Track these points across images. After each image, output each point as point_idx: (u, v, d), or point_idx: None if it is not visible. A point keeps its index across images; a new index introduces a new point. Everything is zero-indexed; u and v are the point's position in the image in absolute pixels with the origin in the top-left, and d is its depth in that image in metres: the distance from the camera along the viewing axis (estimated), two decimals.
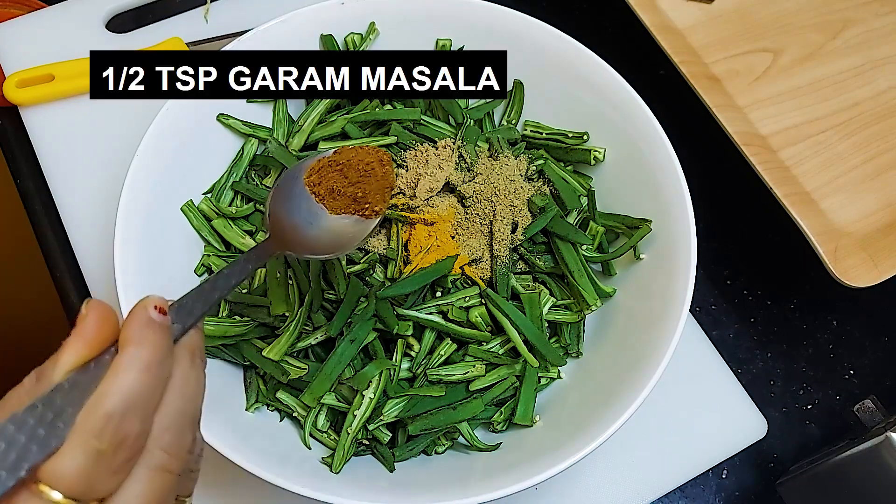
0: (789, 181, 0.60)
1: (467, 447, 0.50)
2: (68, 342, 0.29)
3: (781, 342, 0.64)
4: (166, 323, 0.31)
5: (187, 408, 0.31)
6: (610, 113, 0.55)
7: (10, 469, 0.26)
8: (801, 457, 0.59)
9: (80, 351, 0.29)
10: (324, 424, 0.50)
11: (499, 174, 0.53)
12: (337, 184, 0.46)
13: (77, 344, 0.29)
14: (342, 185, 0.46)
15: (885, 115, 0.65)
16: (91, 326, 0.29)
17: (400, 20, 0.58)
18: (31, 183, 0.63)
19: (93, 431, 0.27)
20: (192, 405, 0.32)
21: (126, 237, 0.48)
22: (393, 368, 0.50)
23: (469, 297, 0.51)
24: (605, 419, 0.45)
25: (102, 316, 0.30)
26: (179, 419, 0.31)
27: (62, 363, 0.29)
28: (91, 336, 0.29)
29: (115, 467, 0.28)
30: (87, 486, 0.27)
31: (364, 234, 0.46)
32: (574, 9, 0.77)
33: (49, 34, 0.68)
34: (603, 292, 0.53)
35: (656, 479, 0.56)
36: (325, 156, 0.47)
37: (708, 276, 0.66)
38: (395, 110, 0.58)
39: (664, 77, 0.70)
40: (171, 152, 0.52)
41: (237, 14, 0.70)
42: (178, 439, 0.30)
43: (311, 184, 0.46)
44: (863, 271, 0.56)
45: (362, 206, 0.46)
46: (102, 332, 0.30)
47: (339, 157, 0.47)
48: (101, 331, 0.30)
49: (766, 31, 0.68)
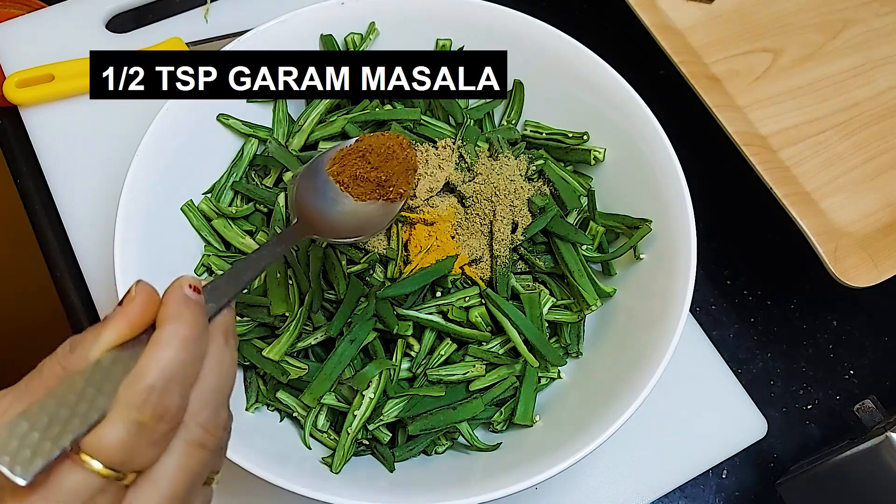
0: (789, 181, 0.60)
1: (467, 447, 0.50)
2: (112, 320, 0.30)
3: (781, 342, 0.64)
4: (201, 301, 0.32)
5: (222, 385, 0.32)
6: (610, 113, 0.55)
7: (53, 440, 0.27)
8: (801, 457, 0.59)
9: (121, 331, 0.30)
10: (324, 424, 0.50)
11: (499, 174, 0.54)
12: (360, 169, 0.46)
13: (120, 324, 0.30)
14: (365, 171, 0.46)
15: (885, 115, 0.65)
16: (137, 308, 0.30)
17: (400, 20, 0.58)
18: (31, 183, 0.63)
19: (135, 404, 0.28)
20: (227, 383, 0.33)
21: (126, 237, 0.48)
22: (393, 368, 0.50)
23: (469, 297, 0.51)
24: (605, 419, 0.45)
25: (149, 299, 0.31)
26: (215, 396, 0.32)
27: (103, 340, 0.30)
28: (135, 318, 0.30)
29: (154, 439, 0.29)
30: (128, 457, 0.28)
31: (392, 216, 0.46)
32: (574, 9, 0.77)
33: (49, 34, 0.68)
34: (603, 292, 0.53)
35: (656, 479, 0.56)
36: (347, 145, 0.47)
37: (708, 276, 0.66)
38: (395, 110, 0.57)
39: (664, 77, 0.70)
40: (171, 152, 0.52)
41: (237, 14, 0.70)
42: (214, 416, 0.31)
43: (335, 173, 0.47)
44: (863, 271, 0.56)
45: (387, 189, 0.46)
46: (146, 314, 0.31)
47: (361, 145, 0.48)
48: (146, 314, 0.31)
49: (766, 31, 0.68)
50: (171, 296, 0.31)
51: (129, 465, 0.29)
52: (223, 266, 0.53)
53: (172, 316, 0.30)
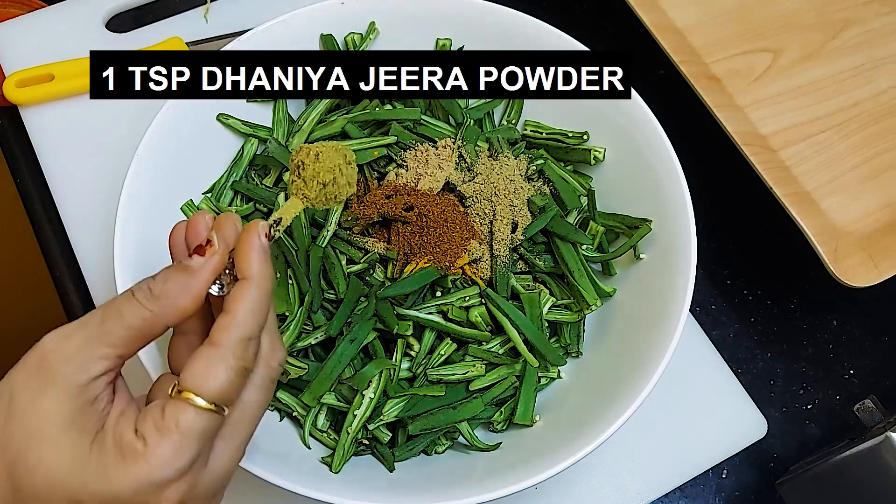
0: (789, 181, 0.60)
1: (467, 447, 0.50)
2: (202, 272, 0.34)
3: (781, 342, 0.64)
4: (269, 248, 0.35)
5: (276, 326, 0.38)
6: (610, 113, 0.55)
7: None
8: (801, 457, 0.59)
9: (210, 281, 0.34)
10: (324, 424, 0.50)
11: (499, 174, 0.54)
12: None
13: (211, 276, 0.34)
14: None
15: (885, 115, 0.65)
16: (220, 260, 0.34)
17: (400, 20, 0.58)
18: (31, 183, 0.63)
19: (238, 353, 0.33)
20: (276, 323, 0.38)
21: (126, 237, 0.48)
22: (393, 368, 0.50)
23: (469, 296, 0.51)
24: (605, 419, 0.45)
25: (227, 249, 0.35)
26: (279, 339, 0.37)
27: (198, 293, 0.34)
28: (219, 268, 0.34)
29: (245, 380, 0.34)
30: (229, 395, 0.33)
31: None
32: (574, 9, 0.77)
33: (49, 34, 0.68)
34: (603, 292, 0.53)
35: (656, 479, 0.56)
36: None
37: (708, 276, 0.66)
38: (395, 110, 0.57)
39: (664, 77, 0.70)
40: (171, 152, 0.52)
41: (237, 14, 0.70)
42: (282, 355, 0.37)
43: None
44: (863, 271, 0.56)
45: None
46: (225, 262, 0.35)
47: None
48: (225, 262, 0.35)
49: (766, 31, 0.68)
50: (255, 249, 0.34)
51: (227, 402, 0.33)
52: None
53: (258, 271, 0.34)
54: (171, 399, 0.32)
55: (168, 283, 0.33)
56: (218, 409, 0.32)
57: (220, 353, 0.33)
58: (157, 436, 0.31)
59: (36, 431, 0.31)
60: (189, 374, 0.32)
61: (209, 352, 0.33)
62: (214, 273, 0.34)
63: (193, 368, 0.32)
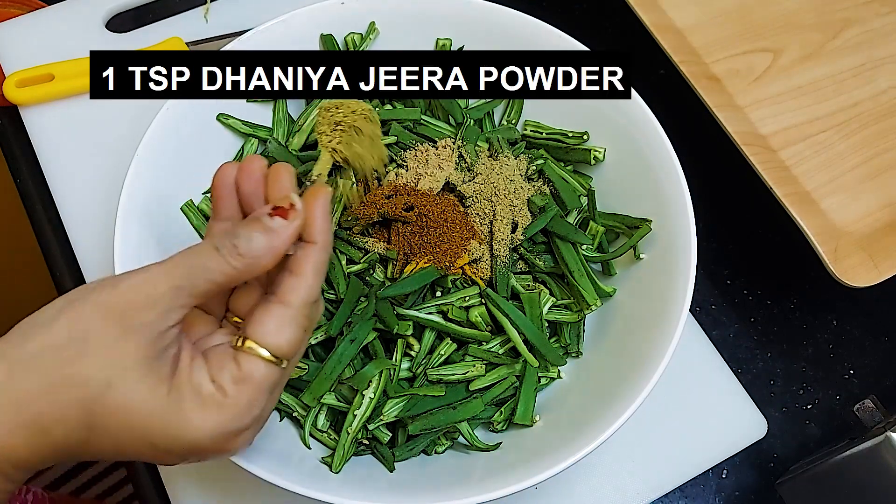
0: (789, 181, 0.60)
1: (467, 447, 0.50)
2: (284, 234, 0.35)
3: (781, 342, 0.64)
4: None
5: None
6: (610, 112, 0.55)
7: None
8: (801, 457, 0.59)
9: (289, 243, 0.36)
10: (324, 424, 0.50)
11: (499, 174, 0.54)
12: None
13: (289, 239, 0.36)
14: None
15: (885, 115, 0.65)
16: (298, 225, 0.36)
17: (400, 20, 0.58)
18: (31, 183, 0.63)
19: (306, 312, 0.36)
20: None
21: (126, 237, 0.48)
22: (393, 368, 0.50)
23: (469, 296, 0.51)
24: (605, 419, 0.45)
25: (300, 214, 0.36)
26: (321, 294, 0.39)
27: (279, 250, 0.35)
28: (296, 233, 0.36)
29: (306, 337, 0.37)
30: (294, 352, 0.36)
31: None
32: (574, 9, 0.77)
33: (49, 34, 0.68)
34: (603, 292, 0.53)
35: (656, 479, 0.56)
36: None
37: (708, 276, 0.66)
38: (395, 110, 0.58)
39: (664, 77, 0.70)
40: (171, 152, 0.52)
41: (237, 14, 0.70)
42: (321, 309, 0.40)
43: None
44: (863, 271, 0.56)
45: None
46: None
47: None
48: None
49: (766, 31, 0.68)
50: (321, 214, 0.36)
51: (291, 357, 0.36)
52: None
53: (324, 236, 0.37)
54: (243, 352, 0.35)
55: (252, 243, 0.34)
56: (279, 362, 0.35)
57: (291, 313, 0.35)
58: (235, 388, 0.34)
59: (118, 374, 0.32)
60: (262, 329, 0.35)
61: (281, 311, 0.35)
62: (295, 236, 0.36)
63: (267, 325, 0.35)
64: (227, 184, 0.39)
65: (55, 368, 0.32)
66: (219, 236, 0.35)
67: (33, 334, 0.33)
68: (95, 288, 0.34)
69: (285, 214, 0.35)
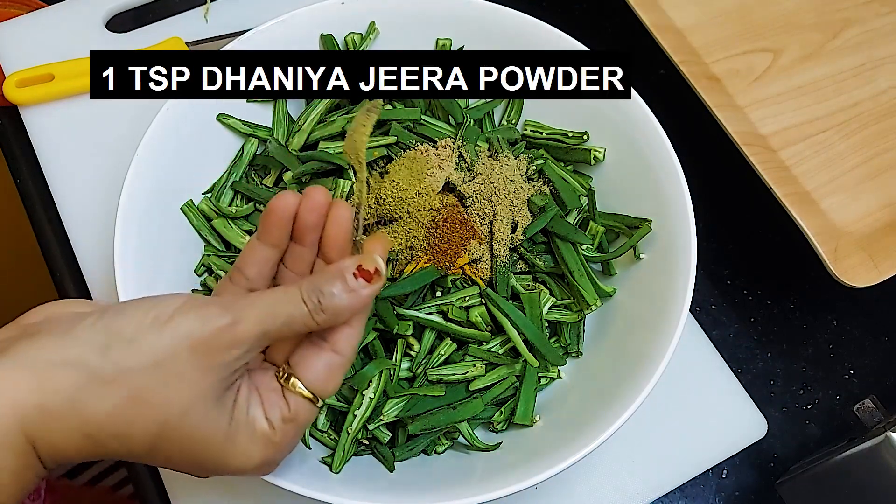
0: (789, 181, 0.60)
1: (467, 447, 0.50)
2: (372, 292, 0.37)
3: (781, 342, 0.64)
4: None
5: None
6: (610, 113, 0.55)
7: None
8: (801, 457, 0.59)
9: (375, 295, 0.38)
10: (324, 424, 0.50)
11: (499, 174, 0.53)
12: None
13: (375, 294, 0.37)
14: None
15: (885, 115, 0.65)
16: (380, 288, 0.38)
17: (400, 20, 0.58)
18: (31, 183, 0.63)
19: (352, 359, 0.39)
20: None
21: (126, 237, 0.48)
22: (393, 368, 0.50)
23: (469, 296, 0.51)
24: (605, 419, 0.45)
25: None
26: None
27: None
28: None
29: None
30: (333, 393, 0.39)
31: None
32: (574, 9, 0.77)
33: (49, 34, 0.68)
34: (603, 292, 0.53)
35: (656, 479, 0.56)
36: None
37: (708, 276, 0.66)
38: (395, 110, 0.57)
39: (664, 77, 0.70)
40: (171, 152, 0.52)
41: (237, 14, 0.70)
42: None
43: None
44: (863, 271, 0.56)
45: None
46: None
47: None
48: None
49: (766, 31, 0.68)
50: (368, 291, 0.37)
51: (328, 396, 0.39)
52: (223, 266, 0.53)
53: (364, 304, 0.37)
54: (292, 392, 0.37)
55: (335, 301, 0.36)
56: (317, 402, 0.38)
57: (341, 361, 0.38)
58: (283, 426, 0.37)
59: (195, 403, 0.34)
60: (313, 373, 0.37)
61: (333, 359, 0.38)
62: (374, 296, 0.37)
63: (318, 371, 0.37)
64: (286, 211, 0.40)
65: (132, 389, 0.33)
66: (306, 289, 0.36)
67: (116, 346, 0.33)
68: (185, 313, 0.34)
69: (370, 278, 0.36)
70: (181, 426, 0.34)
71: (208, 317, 0.34)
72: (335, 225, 0.40)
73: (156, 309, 0.34)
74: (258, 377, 0.38)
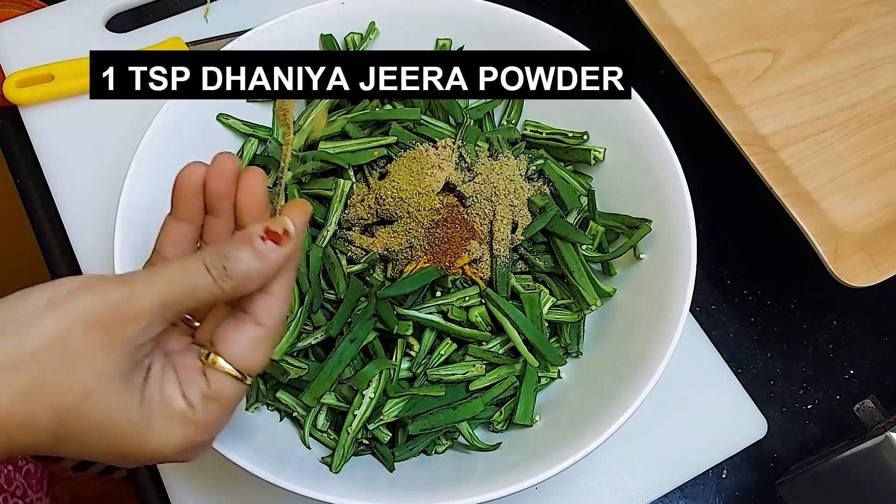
0: (789, 181, 0.60)
1: (467, 447, 0.50)
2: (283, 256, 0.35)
3: (781, 342, 0.64)
4: None
5: None
6: (610, 113, 0.55)
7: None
8: (801, 457, 0.59)
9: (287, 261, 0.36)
10: (324, 424, 0.50)
11: (499, 174, 0.53)
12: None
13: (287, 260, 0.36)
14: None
15: (885, 115, 0.65)
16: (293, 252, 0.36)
17: (400, 20, 0.58)
18: (31, 183, 0.63)
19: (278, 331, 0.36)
20: None
21: (126, 237, 0.48)
22: (393, 368, 0.50)
23: (469, 296, 0.51)
24: (605, 419, 0.45)
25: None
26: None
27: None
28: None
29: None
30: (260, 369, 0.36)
31: None
32: (574, 9, 0.77)
33: (49, 34, 0.68)
34: (603, 292, 0.53)
35: (656, 479, 0.56)
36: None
37: (708, 276, 0.66)
38: (395, 110, 0.57)
39: (664, 77, 0.70)
40: (171, 152, 0.52)
41: (237, 14, 0.70)
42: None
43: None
44: (863, 271, 0.56)
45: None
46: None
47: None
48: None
49: (766, 31, 0.68)
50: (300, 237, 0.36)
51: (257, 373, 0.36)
52: None
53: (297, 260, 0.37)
54: (213, 368, 0.35)
55: (241, 266, 0.34)
56: (245, 379, 0.36)
57: (265, 333, 0.35)
58: (204, 405, 0.34)
59: (97, 384, 0.32)
60: (234, 347, 0.35)
61: (256, 331, 0.35)
62: (284, 262, 0.35)
63: (240, 344, 0.35)
64: (194, 184, 0.38)
65: (31, 374, 0.31)
66: (209, 256, 0.34)
67: (11, 331, 0.31)
68: (80, 291, 0.32)
69: (278, 240, 0.35)
70: (87, 409, 0.32)
71: (104, 292, 0.32)
72: (246, 192, 0.38)
73: (52, 290, 0.33)
74: (178, 358, 0.36)
